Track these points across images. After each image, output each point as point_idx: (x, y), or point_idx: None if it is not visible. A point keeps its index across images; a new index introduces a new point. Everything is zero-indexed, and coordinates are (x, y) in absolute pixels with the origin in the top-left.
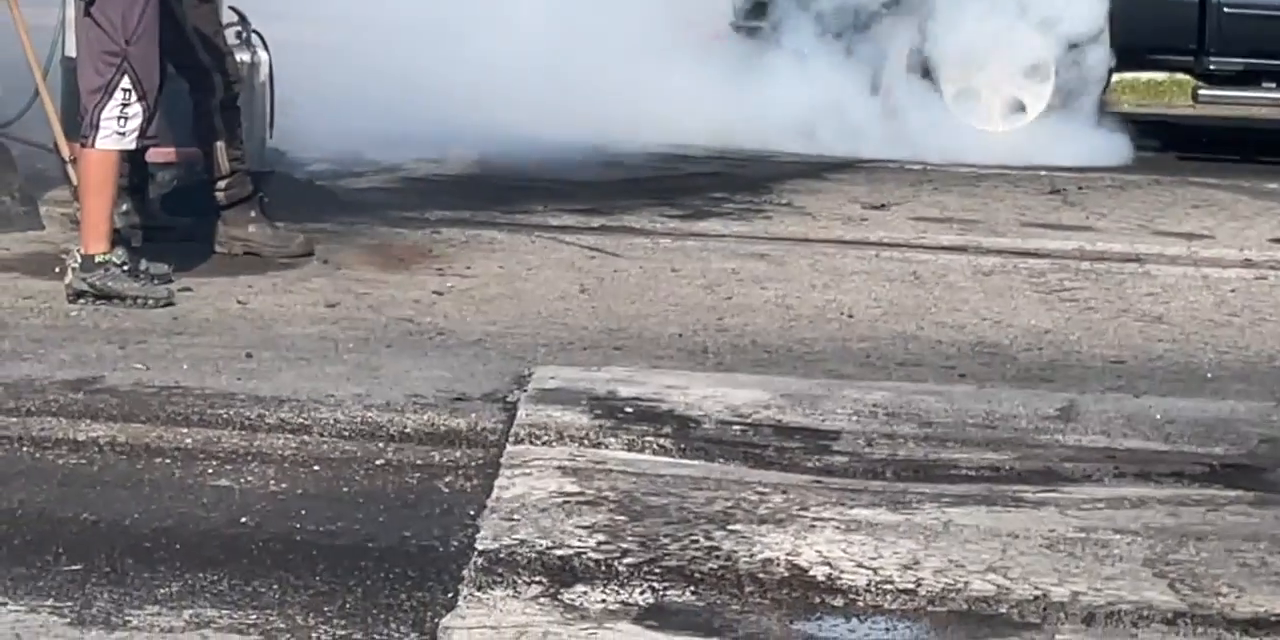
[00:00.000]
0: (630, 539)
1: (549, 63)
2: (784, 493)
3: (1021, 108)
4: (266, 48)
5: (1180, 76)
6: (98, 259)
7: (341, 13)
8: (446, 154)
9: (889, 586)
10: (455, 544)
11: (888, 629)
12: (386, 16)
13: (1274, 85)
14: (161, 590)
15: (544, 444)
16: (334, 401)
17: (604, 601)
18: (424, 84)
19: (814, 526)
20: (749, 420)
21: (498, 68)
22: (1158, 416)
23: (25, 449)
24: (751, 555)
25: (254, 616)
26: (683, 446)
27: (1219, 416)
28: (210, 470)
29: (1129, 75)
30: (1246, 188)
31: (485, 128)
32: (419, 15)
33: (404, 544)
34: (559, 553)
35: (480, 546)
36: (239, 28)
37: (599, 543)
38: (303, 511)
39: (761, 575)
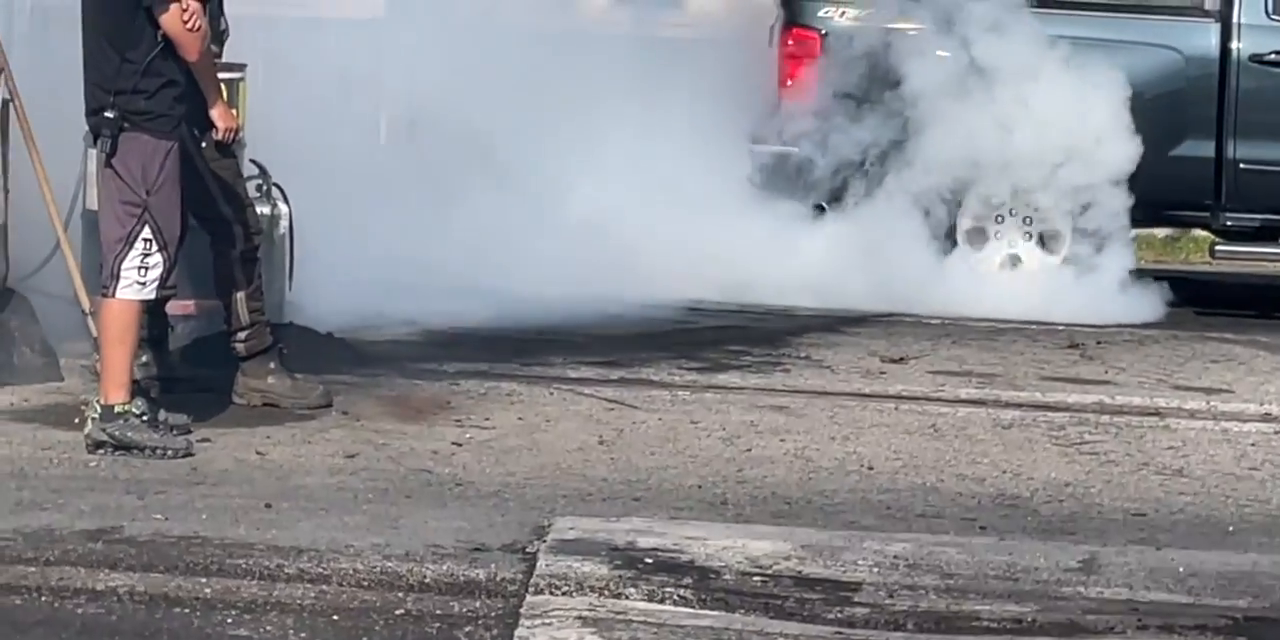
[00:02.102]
0: None
1: (567, 216)
2: None
3: (1044, 262)
4: (286, 200)
5: (1197, 232)
6: (117, 409)
7: (352, 165)
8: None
9: None
10: None
11: None
12: (400, 171)
13: None
14: None
15: (564, 594)
16: (353, 551)
17: None
18: (441, 237)
19: None
20: (769, 571)
21: (516, 221)
22: (1180, 569)
23: (44, 598)
24: None
25: None
26: (703, 597)
27: (1242, 570)
28: (229, 620)
29: (1145, 231)
30: (1264, 343)
31: (503, 280)
32: (434, 171)
33: None
34: None
35: None
36: (259, 180)
37: None
38: None
39: None
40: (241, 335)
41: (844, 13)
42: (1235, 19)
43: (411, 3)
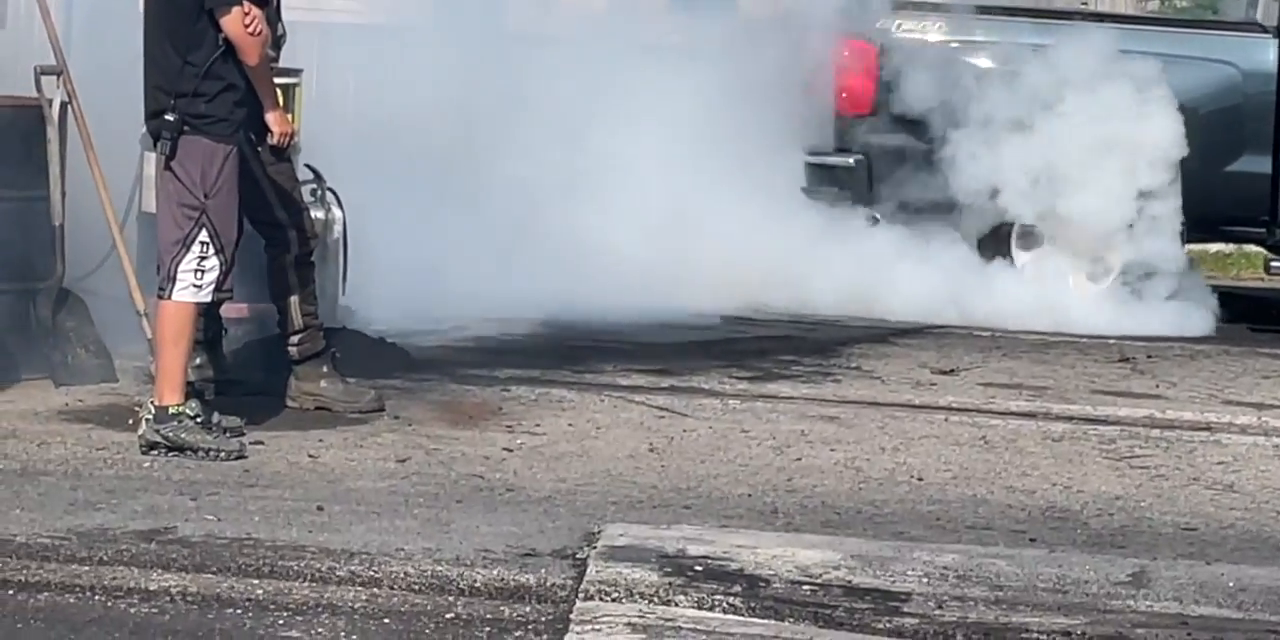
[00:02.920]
0: None
1: (620, 224)
2: None
3: (1097, 276)
4: (341, 205)
5: (1249, 248)
6: (171, 411)
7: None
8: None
9: None
10: None
11: None
12: (454, 177)
13: None
14: None
15: (614, 600)
16: (404, 555)
17: None
18: (494, 243)
19: None
20: (819, 580)
21: (569, 228)
22: (1230, 584)
23: (97, 598)
24: None
25: None
26: (752, 605)
27: None
28: (281, 621)
29: (1197, 246)
30: None
31: (555, 288)
32: (488, 177)
33: None
34: None
35: None
36: (314, 185)
37: None
38: None
39: None
40: (295, 339)
41: (900, 25)
42: None
43: (464, 10)
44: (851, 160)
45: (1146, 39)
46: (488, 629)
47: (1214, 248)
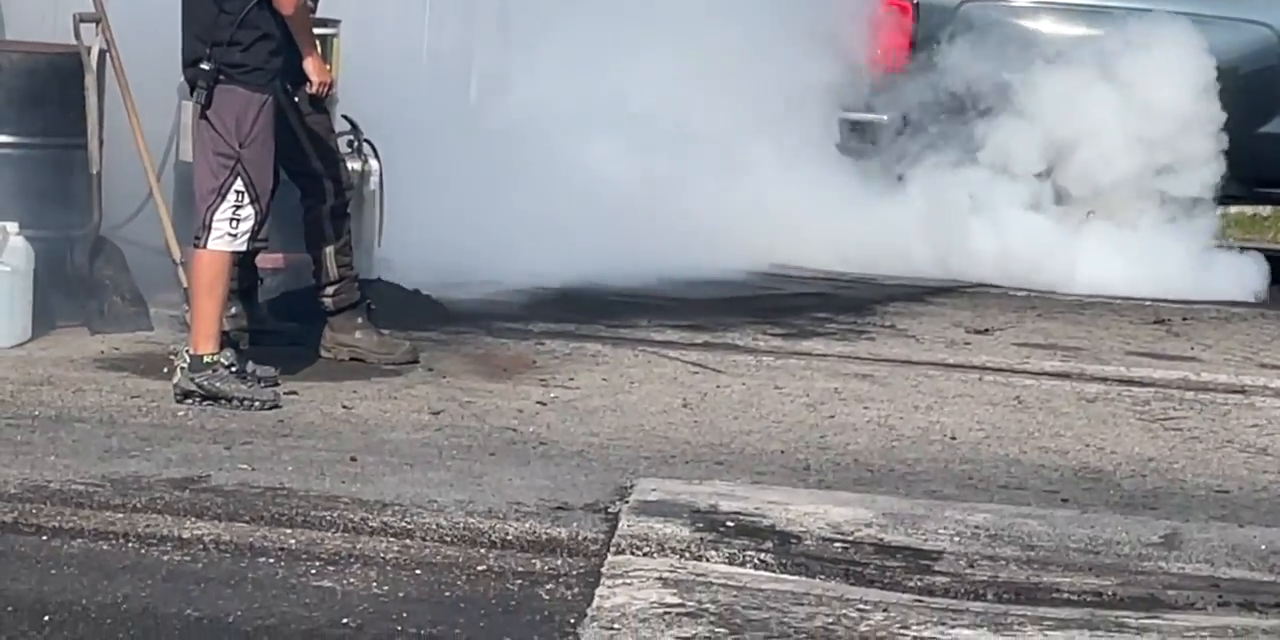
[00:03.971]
0: None
1: (655, 179)
2: (885, 611)
3: (1130, 237)
4: (378, 156)
5: None
6: (206, 359)
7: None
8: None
9: None
10: None
11: None
12: (490, 130)
13: None
14: None
15: (645, 555)
16: (436, 507)
17: None
18: (529, 197)
19: None
20: (850, 538)
21: (604, 183)
22: (1262, 547)
23: (131, 545)
24: None
25: None
26: (784, 562)
27: None
28: (313, 571)
29: (1233, 209)
30: None
31: (591, 242)
32: (523, 131)
33: None
34: None
35: None
36: (351, 136)
37: None
38: (404, 614)
39: None
40: (330, 290)
41: None
42: None
43: None
44: (885, 117)
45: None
46: (519, 582)
47: (1250, 210)
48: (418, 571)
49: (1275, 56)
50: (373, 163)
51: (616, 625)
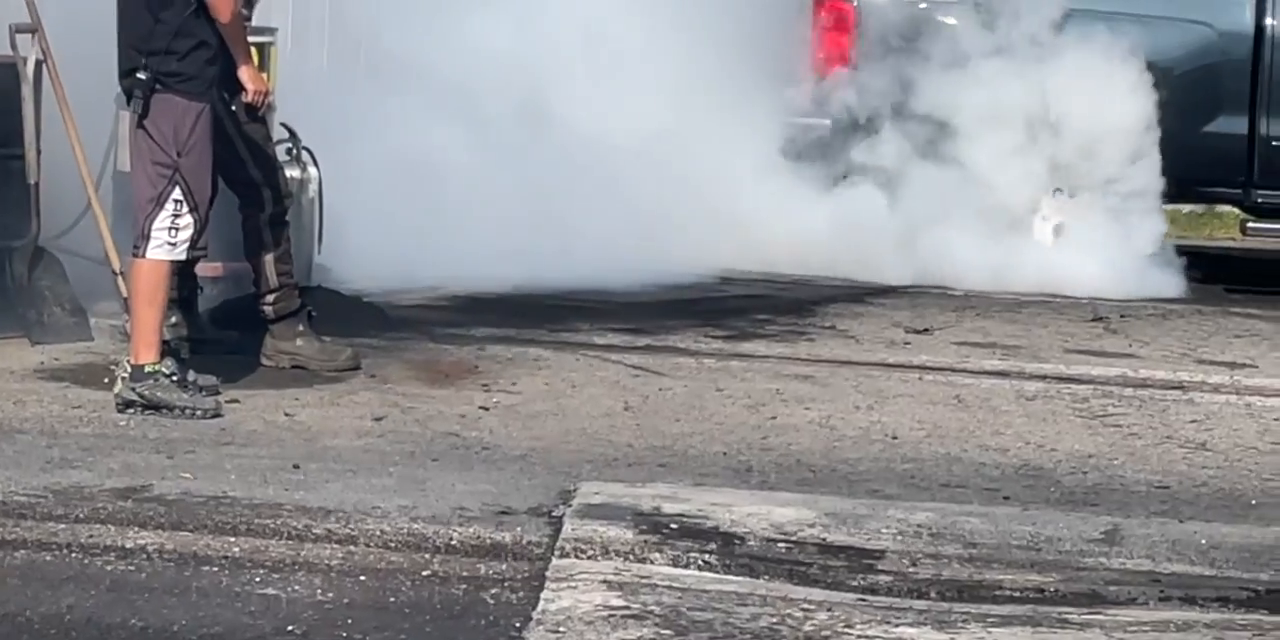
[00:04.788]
0: None
1: (596, 182)
2: (829, 610)
3: (1071, 236)
4: (316, 164)
5: (1221, 208)
6: (147, 369)
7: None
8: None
9: None
10: None
11: None
12: (432, 138)
13: None
14: None
15: (589, 558)
16: (380, 513)
17: None
18: (473, 202)
19: None
20: (793, 538)
21: (545, 187)
22: (1203, 542)
23: (74, 555)
24: None
25: None
26: (728, 563)
27: (1264, 543)
28: (258, 579)
29: (1170, 207)
30: None
31: (531, 246)
32: (465, 134)
33: None
34: None
35: None
36: (289, 144)
37: None
38: (349, 621)
39: None
40: (270, 298)
41: None
42: None
43: None
44: (828, 121)
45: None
46: (464, 586)
47: (1186, 208)
48: (362, 578)
49: (1217, 55)
50: (311, 170)
51: (562, 629)
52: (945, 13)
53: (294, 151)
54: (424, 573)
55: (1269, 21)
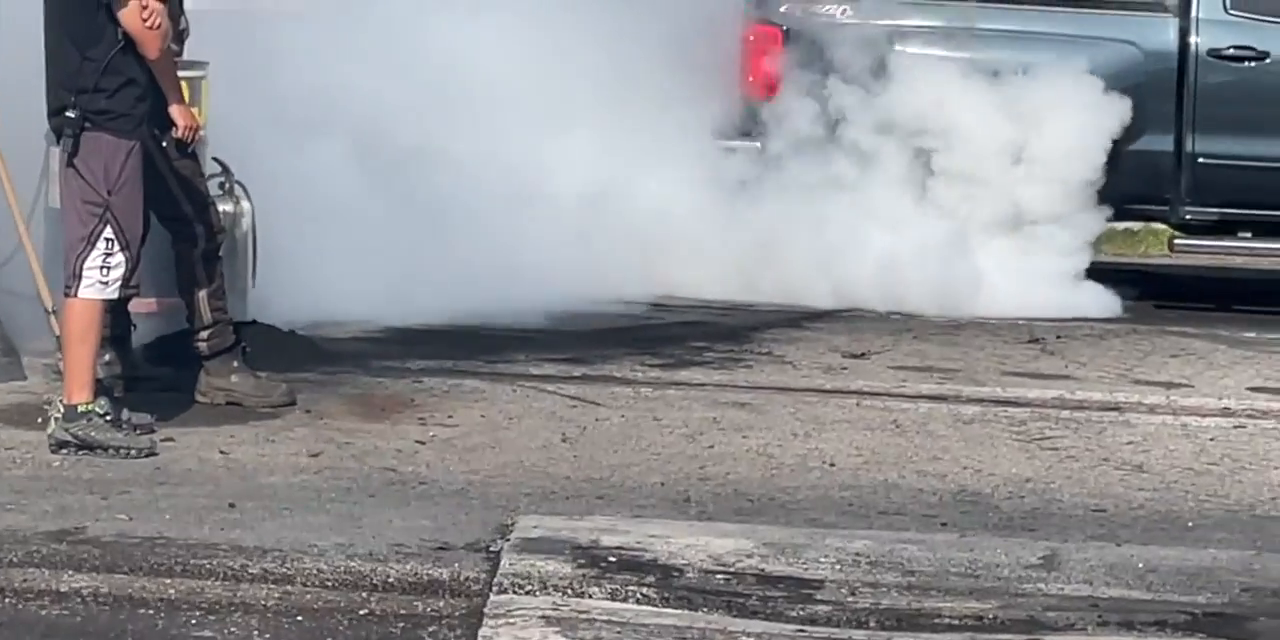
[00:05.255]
0: None
1: (529, 212)
2: None
3: (1004, 257)
4: (249, 198)
5: (1156, 226)
6: (81, 409)
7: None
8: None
9: None
10: None
11: None
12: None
13: (1250, 235)
14: None
15: (527, 593)
16: (317, 551)
17: None
18: (406, 235)
19: None
20: (732, 569)
21: (479, 216)
22: (1140, 565)
23: (7, 600)
24: None
25: None
26: (666, 596)
27: (1201, 565)
28: (194, 621)
29: (1105, 225)
30: (1224, 337)
31: (467, 276)
32: (396, 165)
33: None
34: None
35: None
36: (222, 178)
37: None
38: None
39: None
40: (204, 334)
41: (806, 8)
42: (1194, 14)
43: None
44: (759, 144)
45: (1048, 19)
46: (402, 624)
47: (1120, 226)
48: (299, 618)
49: (1142, 74)
50: (244, 204)
51: None
52: (874, 35)
53: (226, 185)
54: (361, 611)
55: (1193, 40)
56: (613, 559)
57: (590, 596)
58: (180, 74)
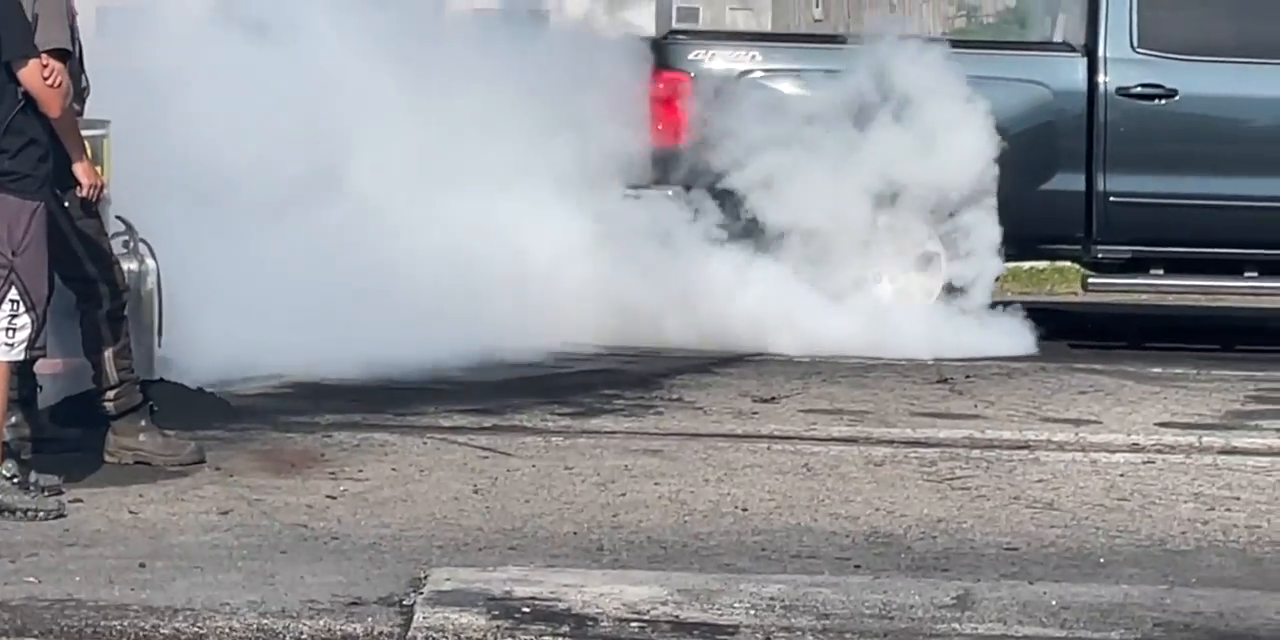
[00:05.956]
0: None
1: (437, 263)
2: None
3: (913, 298)
4: (154, 256)
5: (1062, 264)
6: None
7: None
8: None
9: None
10: None
11: None
12: (267, 220)
13: (1162, 271)
14: None
15: None
16: (229, 610)
17: None
18: (312, 288)
19: None
20: (646, 617)
21: (385, 269)
22: (1053, 603)
23: None
24: None
25: None
26: None
27: (1113, 601)
28: None
29: (1012, 264)
30: (1131, 373)
31: (375, 329)
32: (302, 219)
33: None
34: None
35: None
36: (126, 236)
37: None
38: None
39: None
40: (111, 394)
41: (713, 55)
42: (1101, 53)
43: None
44: (669, 191)
45: (960, 62)
46: None
47: (1028, 264)
48: None
49: (1052, 114)
50: (149, 262)
51: None
52: (782, 82)
53: (131, 244)
54: None
55: (1101, 79)
56: (526, 610)
57: None
58: (83, 132)
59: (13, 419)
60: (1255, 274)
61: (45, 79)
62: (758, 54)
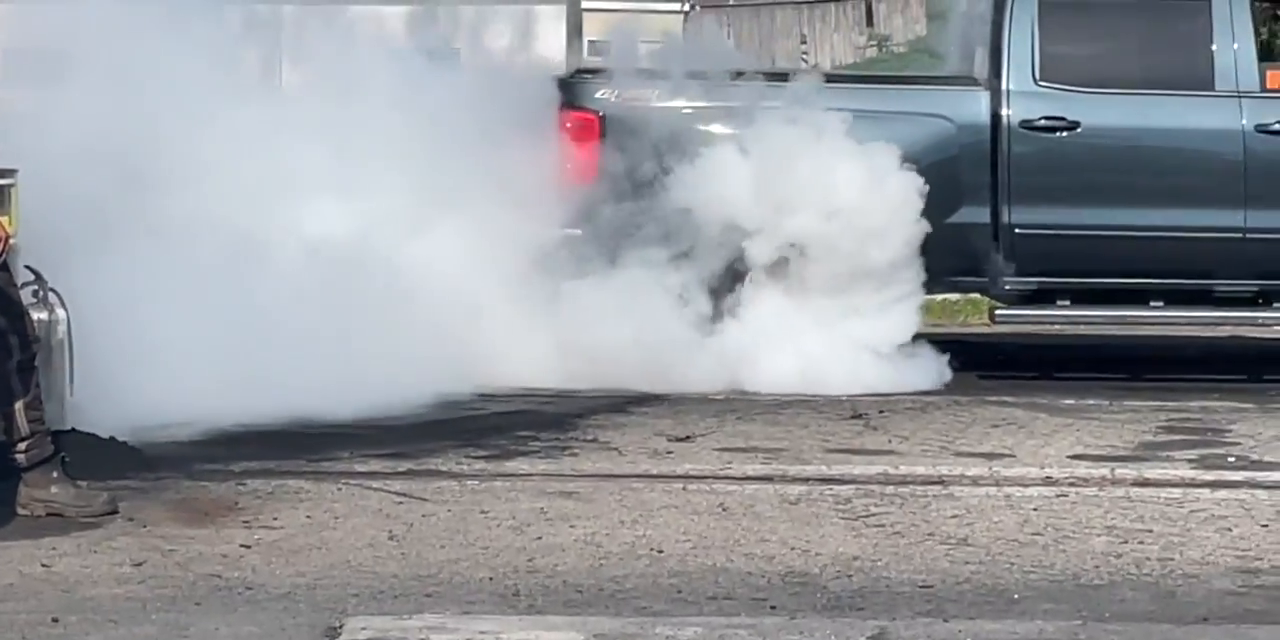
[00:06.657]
0: None
1: (343, 307)
2: None
3: (825, 333)
4: (64, 305)
5: (974, 296)
6: None
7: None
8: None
9: None
10: None
11: None
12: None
13: (1069, 302)
14: None
15: None
16: None
17: None
18: (223, 334)
19: None
20: None
21: (300, 313)
22: None
23: None
24: None
25: None
26: None
27: (1028, 638)
28: None
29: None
30: (1043, 405)
31: (287, 375)
32: (214, 265)
33: None
34: None
35: None
36: (35, 286)
37: None
38: None
39: None
40: (22, 446)
41: (620, 94)
42: (1004, 86)
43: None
44: (579, 231)
45: (860, 97)
46: None
47: (939, 297)
48: None
49: (956, 148)
50: (60, 311)
51: None
52: (690, 117)
53: (40, 293)
54: None
55: (1004, 112)
56: None
57: None
58: None
59: None
60: (1160, 303)
61: None
62: (664, 91)
